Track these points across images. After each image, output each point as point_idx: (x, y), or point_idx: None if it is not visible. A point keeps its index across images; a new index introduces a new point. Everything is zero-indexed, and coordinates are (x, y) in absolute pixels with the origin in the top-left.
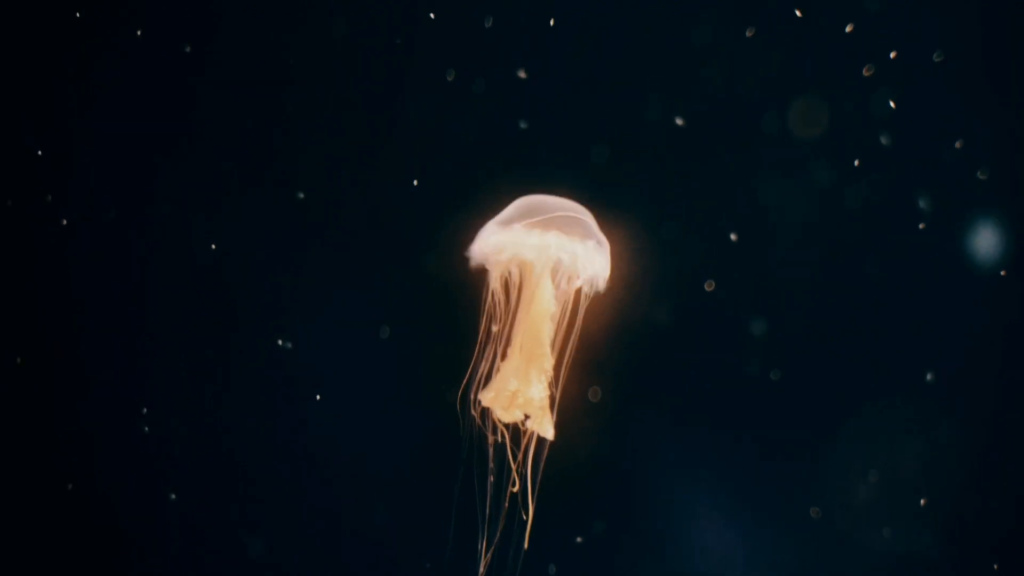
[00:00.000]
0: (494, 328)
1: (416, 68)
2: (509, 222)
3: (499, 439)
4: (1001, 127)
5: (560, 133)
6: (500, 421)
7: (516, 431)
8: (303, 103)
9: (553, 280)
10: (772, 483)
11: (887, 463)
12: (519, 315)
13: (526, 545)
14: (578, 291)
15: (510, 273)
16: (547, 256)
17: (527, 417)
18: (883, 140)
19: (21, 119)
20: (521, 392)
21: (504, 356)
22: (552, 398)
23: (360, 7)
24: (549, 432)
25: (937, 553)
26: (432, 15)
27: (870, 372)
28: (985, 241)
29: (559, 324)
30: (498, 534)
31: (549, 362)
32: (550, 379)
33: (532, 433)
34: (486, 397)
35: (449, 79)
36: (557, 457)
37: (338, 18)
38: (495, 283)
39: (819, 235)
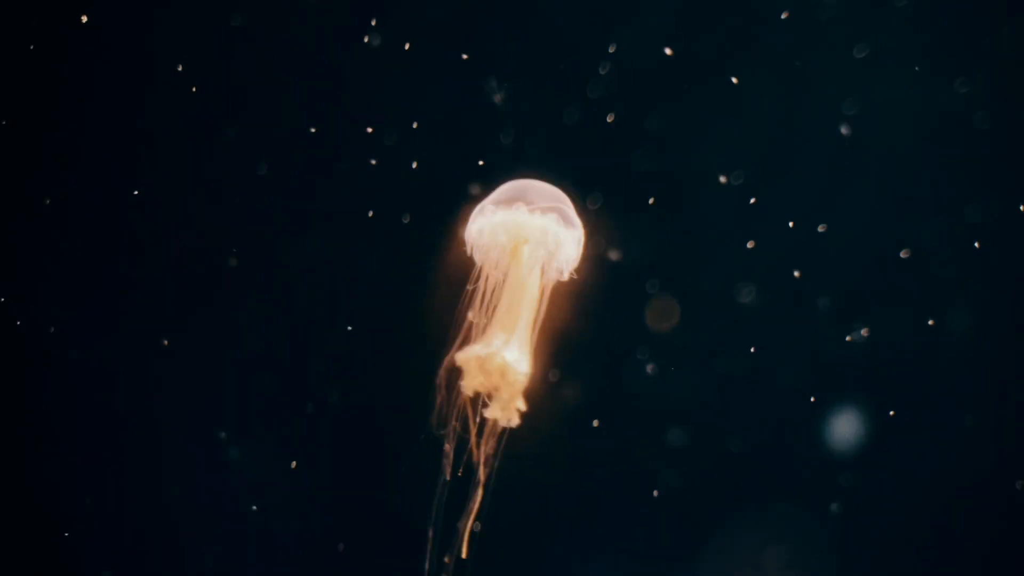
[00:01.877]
0: (472, 314)
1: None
2: (511, 202)
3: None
4: None
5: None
6: (467, 391)
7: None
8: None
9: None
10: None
11: None
12: (505, 296)
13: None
14: (549, 276)
15: (499, 254)
16: (544, 238)
17: (494, 394)
18: None
19: None
20: (501, 355)
21: (485, 333)
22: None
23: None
24: (514, 418)
25: None
26: None
27: None
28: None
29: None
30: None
31: (529, 340)
32: (530, 357)
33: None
34: (463, 355)
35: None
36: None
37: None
38: (488, 263)
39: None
